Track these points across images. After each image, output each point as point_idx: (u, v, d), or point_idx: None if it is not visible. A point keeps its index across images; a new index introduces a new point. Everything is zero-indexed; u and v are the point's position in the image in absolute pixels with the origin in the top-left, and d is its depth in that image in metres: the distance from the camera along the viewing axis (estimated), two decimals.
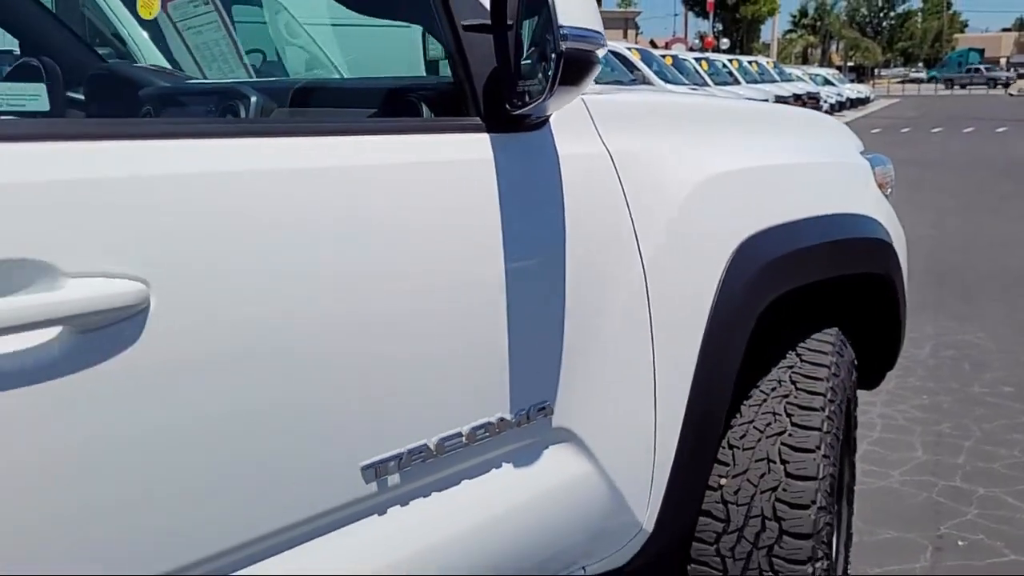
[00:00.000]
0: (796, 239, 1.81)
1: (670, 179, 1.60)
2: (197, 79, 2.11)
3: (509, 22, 1.27)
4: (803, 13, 65.96)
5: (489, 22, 1.31)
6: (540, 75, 1.22)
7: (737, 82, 22.42)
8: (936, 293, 5.85)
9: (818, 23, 65.06)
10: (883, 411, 3.88)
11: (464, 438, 1.29)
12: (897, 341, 2.32)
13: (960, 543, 2.80)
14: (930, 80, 67.69)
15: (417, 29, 1.97)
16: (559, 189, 1.41)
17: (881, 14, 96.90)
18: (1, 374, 0.83)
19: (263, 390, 1.04)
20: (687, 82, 17.89)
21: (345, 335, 1.12)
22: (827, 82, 33.11)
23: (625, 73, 14.55)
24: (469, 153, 1.31)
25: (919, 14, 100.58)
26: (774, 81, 25.60)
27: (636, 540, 1.64)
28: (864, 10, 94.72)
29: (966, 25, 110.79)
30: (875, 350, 2.31)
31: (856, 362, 2.16)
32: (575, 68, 1.16)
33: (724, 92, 16.64)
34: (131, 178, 0.95)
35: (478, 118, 1.35)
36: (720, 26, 42.80)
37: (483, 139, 1.33)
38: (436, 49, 1.83)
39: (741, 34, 42.87)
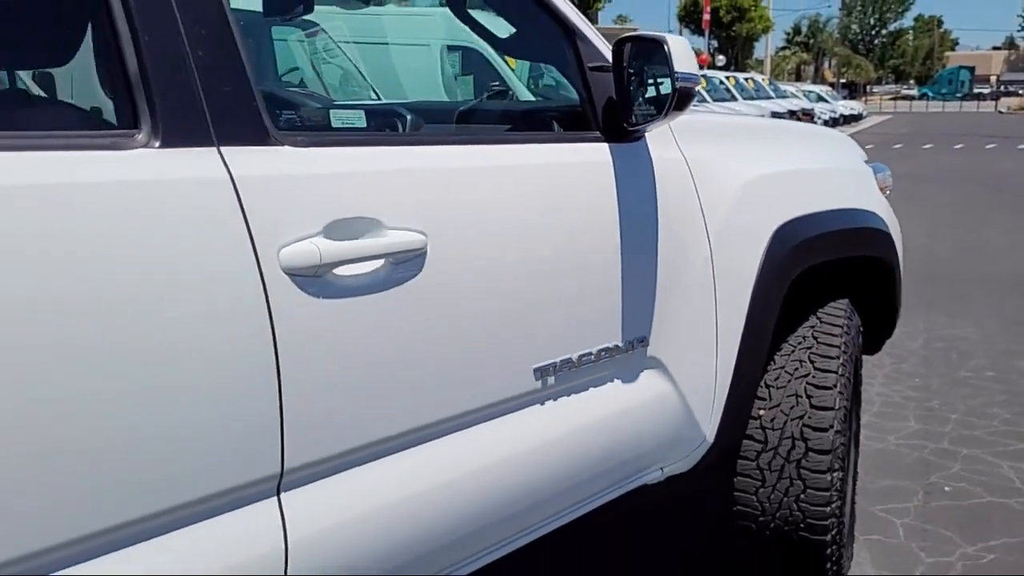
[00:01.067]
0: (818, 226, 2.37)
1: (726, 178, 2.15)
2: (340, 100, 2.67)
3: (628, 70, 1.83)
4: (796, 30, 67.03)
5: (609, 65, 1.87)
6: (649, 103, 1.78)
7: (734, 98, 22.97)
8: (929, 293, 6.41)
9: (811, 40, 66.04)
10: (881, 391, 4.43)
11: (593, 356, 1.83)
12: (894, 313, 2.87)
13: (946, 488, 3.35)
14: (921, 97, 68.69)
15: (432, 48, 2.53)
16: (653, 182, 1.96)
17: (873, 32, 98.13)
18: (364, 284, 1.37)
19: (496, 314, 1.60)
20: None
21: (534, 277, 1.67)
22: (821, 99, 33.81)
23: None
24: (595, 156, 1.87)
25: (910, 32, 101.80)
26: (769, 98, 26.20)
27: (700, 448, 2.18)
28: (856, 28, 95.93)
29: (956, 43, 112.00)
30: (876, 321, 2.85)
31: (862, 328, 2.70)
32: (683, 99, 1.72)
33: (722, 108, 17.23)
34: (428, 169, 1.52)
35: (598, 132, 1.90)
36: (715, 43, 43.60)
37: (603, 147, 1.89)
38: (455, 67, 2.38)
39: (736, 51, 43.66)
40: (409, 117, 1.76)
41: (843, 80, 68.11)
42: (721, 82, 23.85)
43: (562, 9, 1.88)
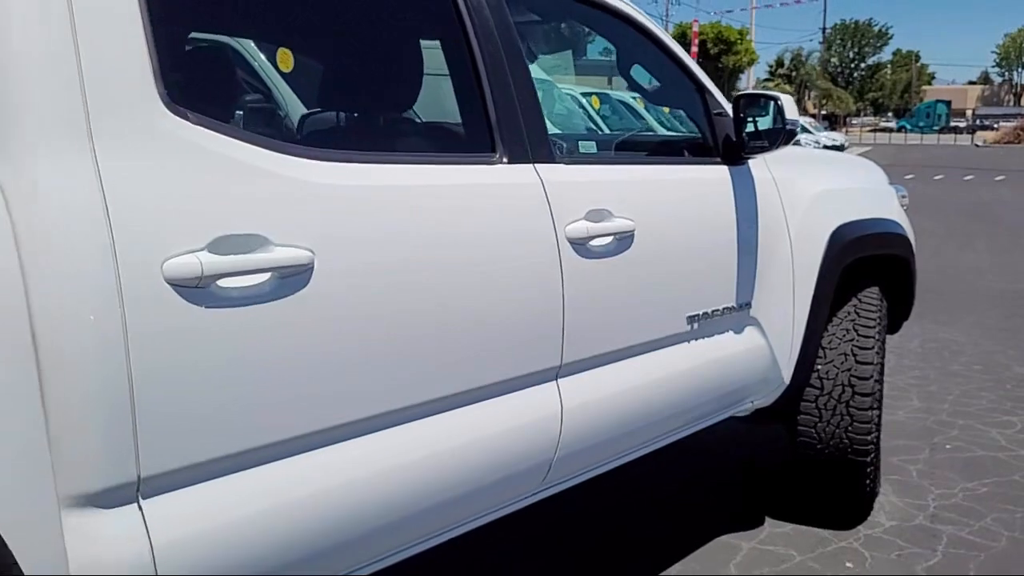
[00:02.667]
0: (860, 230, 3.21)
1: (800, 193, 2.99)
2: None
3: (741, 114, 2.67)
4: (779, 63, 68.88)
5: (724, 111, 2.72)
6: (764, 141, 2.62)
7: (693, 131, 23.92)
8: (920, 306, 7.13)
9: (793, 73, 67.85)
10: (887, 379, 5.22)
11: (720, 311, 2.66)
12: (911, 300, 3.71)
13: (947, 446, 4.18)
14: (899, 130, 70.46)
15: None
16: (754, 193, 2.80)
17: (852, 65, 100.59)
18: (606, 250, 2.19)
19: (672, 275, 2.43)
20: (684, 129, 19.46)
21: (693, 251, 2.50)
22: (805, 129, 34.98)
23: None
24: (720, 174, 2.70)
25: (888, 66, 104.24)
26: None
27: (779, 388, 3.01)
28: (836, 61, 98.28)
29: (933, 77, 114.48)
30: (897, 306, 3.69)
31: (886, 310, 3.54)
32: (788, 137, 2.57)
33: None
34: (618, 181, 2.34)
35: (719, 158, 2.74)
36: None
37: (723, 168, 2.73)
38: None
39: (723, 82, 45.04)
40: (614, 146, 2.59)
41: (823, 112, 69.83)
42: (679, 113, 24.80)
43: (697, 73, 2.73)
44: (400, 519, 1.79)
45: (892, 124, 79.36)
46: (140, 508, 1.43)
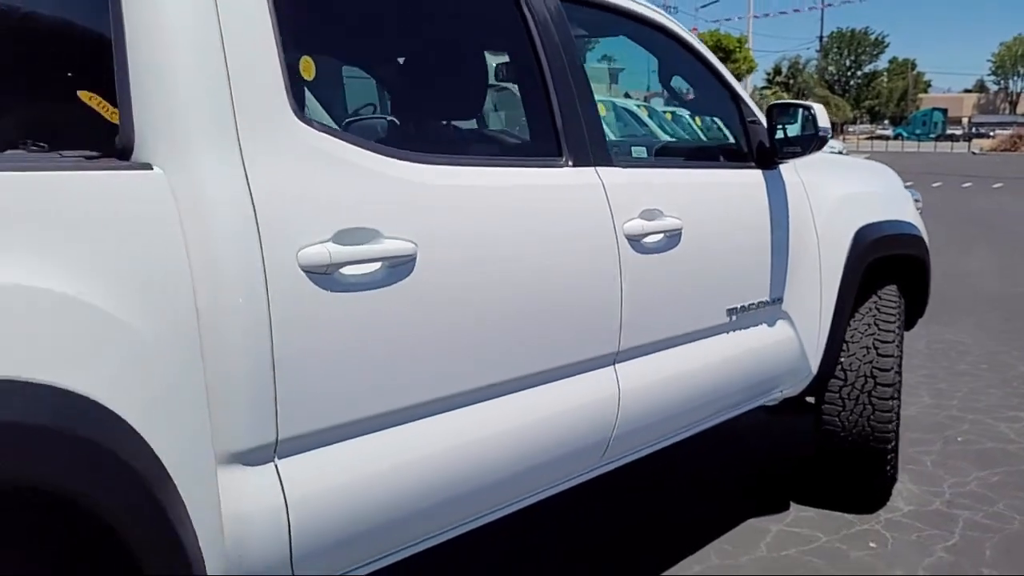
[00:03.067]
0: (881, 231, 3.41)
1: (827, 195, 3.20)
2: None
3: (774, 122, 2.88)
4: (777, 71, 69.29)
5: (757, 119, 2.93)
6: (797, 146, 2.83)
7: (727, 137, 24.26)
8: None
9: (791, 81, 68.26)
10: None
11: (756, 305, 2.86)
12: (925, 298, 3.92)
13: (959, 439, 4.39)
14: (896, 137, 70.82)
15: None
16: (785, 195, 3.00)
17: (849, 73, 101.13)
18: (658, 246, 2.39)
19: (718, 268, 2.64)
20: (686, 135, 19.72)
21: (733, 246, 2.71)
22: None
23: (636, 128, 16.32)
24: (754, 178, 2.91)
25: (885, 74, 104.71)
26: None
27: (807, 378, 3.21)
28: (833, 69, 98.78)
29: (930, 85, 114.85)
30: (913, 303, 3.89)
31: (904, 307, 3.74)
32: (820, 144, 2.77)
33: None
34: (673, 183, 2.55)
35: (752, 163, 2.95)
36: None
37: (757, 172, 2.93)
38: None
39: None
40: (661, 151, 2.80)
41: None
42: (713, 120, 25.14)
43: (733, 85, 2.94)
44: (488, 484, 1.99)
45: (888, 132, 79.69)
46: (276, 467, 1.63)
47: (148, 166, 1.49)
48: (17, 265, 1.29)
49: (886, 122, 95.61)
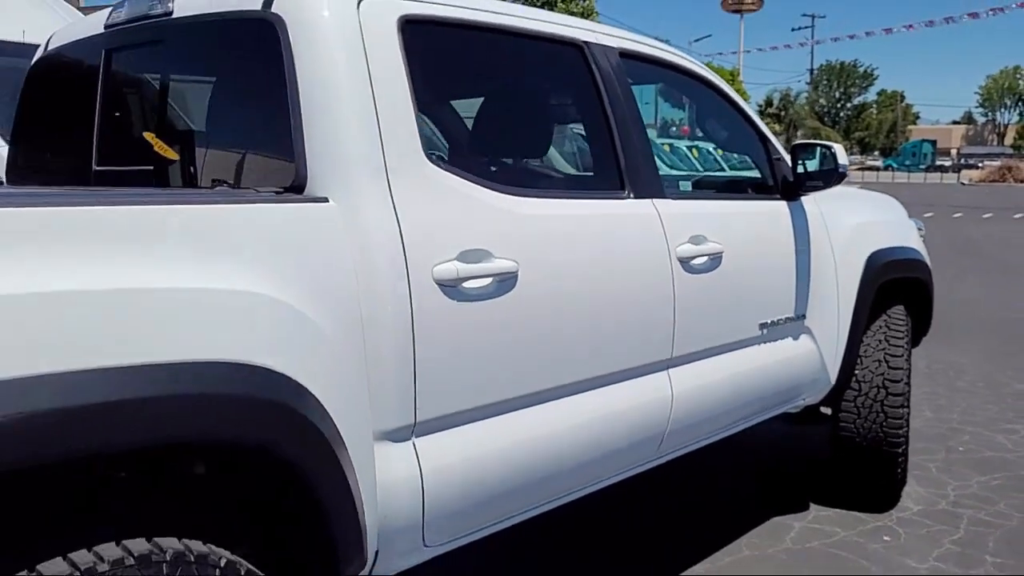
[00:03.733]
0: (890, 256, 3.79)
1: (843, 224, 3.58)
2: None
3: (797, 160, 3.27)
4: (768, 103, 70.21)
5: (782, 156, 3.32)
6: (818, 180, 3.22)
7: (722, 168, 24.77)
8: None
9: (783, 112, 69.17)
10: None
11: (784, 320, 3.24)
12: (928, 318, 4.29)
13: (960, 449, 4.75)
14: (886, 168, 71.69)
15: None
16: (807, 224, 3.39)
17: (839, 105, 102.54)
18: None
19: (753, 288, 3.00)
20: (684, 167, 20.19)
21: (762, 268, 3.08)
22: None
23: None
24: (776, 207, 3.30)
25: (874, 106, 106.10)
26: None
27: (826, 387, 3.58)
28: (823, 101, 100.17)
29: (918, 117, 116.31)
30: (917, 322, 4.26)
31: (910, 325, 4.12)
32: (840, 179, 3.16)
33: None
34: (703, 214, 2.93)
35: (778, 195, 3.34)
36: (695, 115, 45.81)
37: (782, 203, 3.32)
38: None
39: None
40: (699, 184, 3.19)
41: None
42: (710, 152, 25.64)
43: (761, 127, 3.33)
44: (574, 466, 2.36)
45: (878, 163, 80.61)
46: (414, 444, 1.98)
47: (324, 199, 1.86)
48: (240, 275, 1.65)
49: (876, 153, 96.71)
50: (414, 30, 2.11)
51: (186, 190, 1.96)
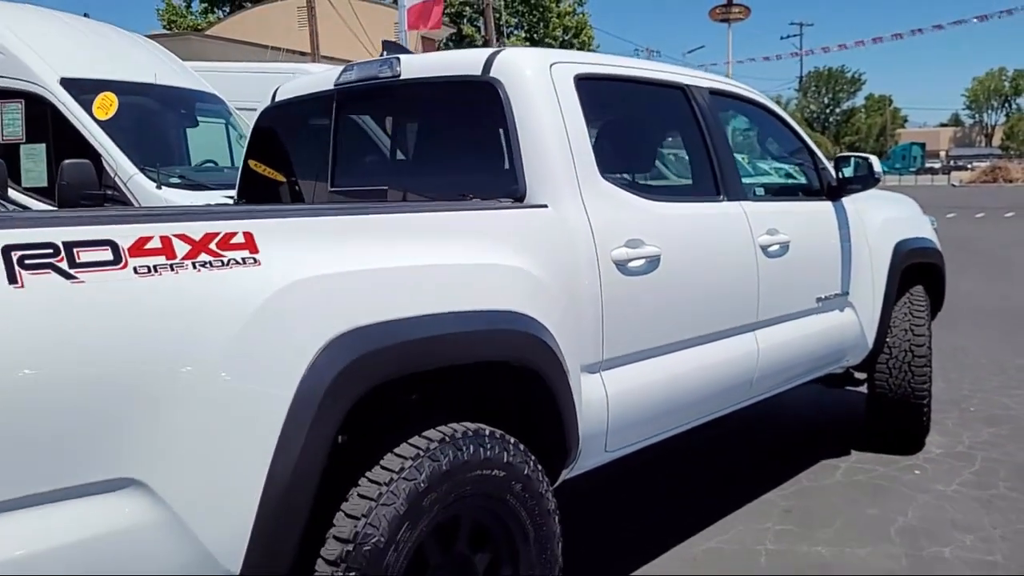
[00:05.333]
0: (911, 245, 4.65)
1: (874, 219, 4.45)
2: None
3: (839, 167, 4.14)
4: None
5: (825, 164, 4.19)
6: (857, 183, 4.09)
7: (751, 175, 25.70)
8: None
9: None
10: None
11: (833, 295, 4.09)
12: (942, 297, 5.15)
13: (971, 409, 5.60)
14: None
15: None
16: (847, 220, 4.25)
17: (828, 110, 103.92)
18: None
19: (811, 269, 3.86)
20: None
21: (818, 255, 3.95)
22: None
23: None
24: (824, 206, 4.16)
25: (863, 110, 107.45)
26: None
27: (864, 351, 4.43)
28: (813, 107, 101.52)
29: (906, 120, 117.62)
30: (933, 300, 5.12)
31: (928, 302, 4.98)
32: (875, 182, 4.03)
33: None
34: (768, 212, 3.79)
35: (824, 196, 4.20)
36: None
37: (828, 203, 4.19)
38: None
39: None
40: (768, 189, 4.05)
41: None
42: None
43: (809, 143, 4.20)
44: (706, 396, 3.22)
45: None
46: (602, 376, 2.83)
47: (544, 206, 2.72)
48: (494, 255, 2.50)
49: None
50: (583, 83, 2.97)
51: (463, 202, 2.79)
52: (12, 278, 1.59)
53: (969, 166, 69.03)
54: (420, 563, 2.23)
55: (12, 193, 5.89)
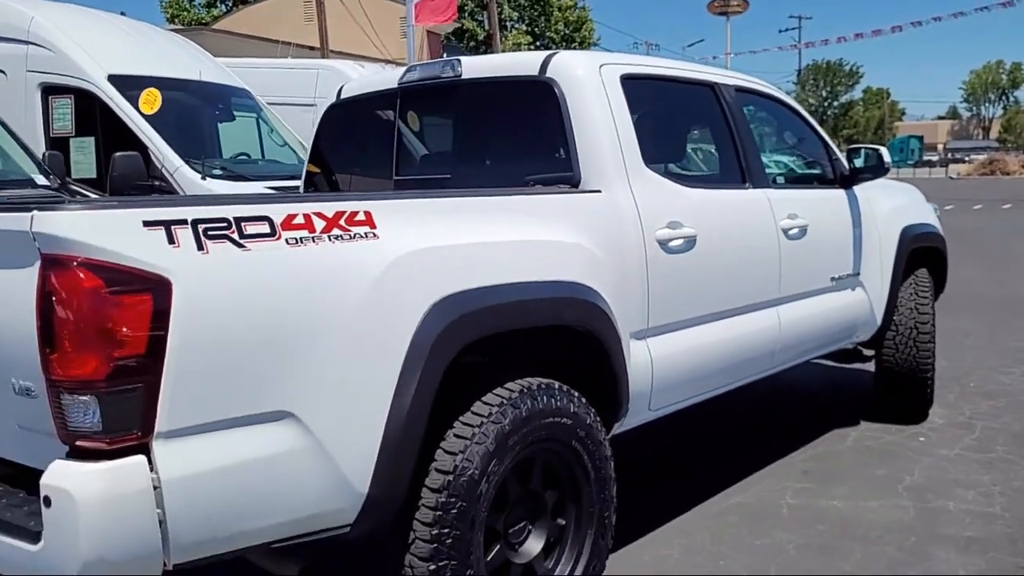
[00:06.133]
0: (916, 230, 5.02)
1: (882, 206, 4.82)
2: None
3: (851, 158, 4.51)
4: None
5: (838, 156, 4.56)
6: (868, 173, 4.46)
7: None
8: None
9: None
10: None
11: (846, 275, 4.47)
12: (944, 279, 5.53)
13: (971, 385, 5.98)
14: None
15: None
16: (859, 206, 4.62)
17: (826, 104, 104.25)
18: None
19: (828, 250, 4.24)
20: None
21: (832, 238, 4.32)
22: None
23: None
24: (838, 194, 4.53)
25: (860, 103, 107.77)
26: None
27: (874, 328, 4.81)
28: (812, 100, 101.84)
29: (904, 113, 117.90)
30: (936, 281, 5.48)
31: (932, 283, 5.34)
32: (885, 172, 4.41)
33: None
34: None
35: (837, 184, 4.58)
36: None
37: (841, 191, 4.56)
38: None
39: None
40: (787, 176, 4.43)
41: None
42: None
43: (824, 136, 4.56)
44: (735, 363, 3.60)
45: None
46: (647, 342, 3.20)
47: (598, 191, 3.08)
48: (559, 233, 2.86)
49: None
50: (628, 82, 3.33)
51: (530, 188, 3.15)
52: (200, 246, 1.95)
53: (967, 159, 69.40)
54: (503, 496, 2.60)
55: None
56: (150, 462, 1.88)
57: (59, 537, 1.82)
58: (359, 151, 3.93)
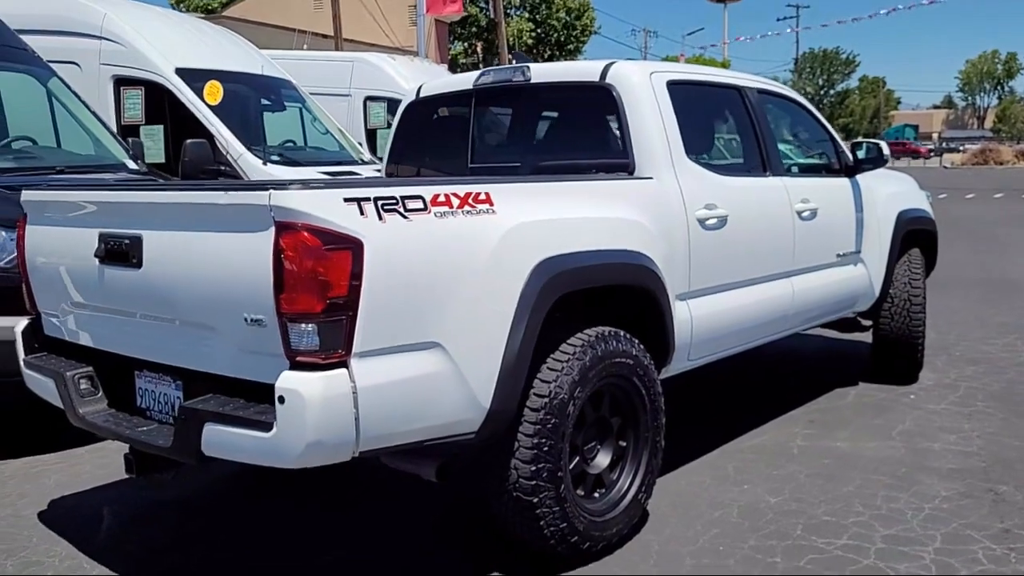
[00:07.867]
0: (911, 214, 5.72)
1: (880, 192, 5.51)
2: None
3: (855, 150, 5.21)
4: None
5: (843, 148, 5.25)
6: (869, 163, 5.16)
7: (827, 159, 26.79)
8: None
9: None
10: None
11: (849, 253, 5.17)
12: (935, 258, 6.22)
13: (957, 353, 6.69)
14: None
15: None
16: (860, 193, 5.31)
17: (822, 92, 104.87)
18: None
19: (832, 231, 4.93)
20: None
21: (838, 221, 5.01)
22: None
23: None
24: (843, 182, 5.22)
25: (856, 92, 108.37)
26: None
27: (872, 299, 5.51)
28: (808, 88, 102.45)
29: (899, 102, 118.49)
30: (927, 260, 6.17)
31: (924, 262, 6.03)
32: (884, 162, 5.10)
33: None
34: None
35: (843, 173, 5.27)
36: None
37: (846, 179, 5.25)
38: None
39: None
40: (800, 166, 5.12)
41: None
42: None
43: (830, 130, 5.25)
44: (760, 323, 4.31)
45: None
46: (688, 303, 3.89)
47: (650, 178, 3.77)
48: (622, 211, 3.55)
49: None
50: (673, 86, 4.01)
51: (599, 175, 3.83)
52: (380, 216, 2.64)
53: (961, 148, 69.92)
54: (582, 418, 3.30)
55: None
56: (349, 374, 2.56)
57: (290, 426, 2.50)
58: (437, 142, 4.60)
